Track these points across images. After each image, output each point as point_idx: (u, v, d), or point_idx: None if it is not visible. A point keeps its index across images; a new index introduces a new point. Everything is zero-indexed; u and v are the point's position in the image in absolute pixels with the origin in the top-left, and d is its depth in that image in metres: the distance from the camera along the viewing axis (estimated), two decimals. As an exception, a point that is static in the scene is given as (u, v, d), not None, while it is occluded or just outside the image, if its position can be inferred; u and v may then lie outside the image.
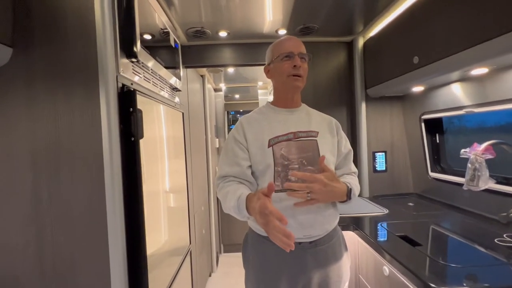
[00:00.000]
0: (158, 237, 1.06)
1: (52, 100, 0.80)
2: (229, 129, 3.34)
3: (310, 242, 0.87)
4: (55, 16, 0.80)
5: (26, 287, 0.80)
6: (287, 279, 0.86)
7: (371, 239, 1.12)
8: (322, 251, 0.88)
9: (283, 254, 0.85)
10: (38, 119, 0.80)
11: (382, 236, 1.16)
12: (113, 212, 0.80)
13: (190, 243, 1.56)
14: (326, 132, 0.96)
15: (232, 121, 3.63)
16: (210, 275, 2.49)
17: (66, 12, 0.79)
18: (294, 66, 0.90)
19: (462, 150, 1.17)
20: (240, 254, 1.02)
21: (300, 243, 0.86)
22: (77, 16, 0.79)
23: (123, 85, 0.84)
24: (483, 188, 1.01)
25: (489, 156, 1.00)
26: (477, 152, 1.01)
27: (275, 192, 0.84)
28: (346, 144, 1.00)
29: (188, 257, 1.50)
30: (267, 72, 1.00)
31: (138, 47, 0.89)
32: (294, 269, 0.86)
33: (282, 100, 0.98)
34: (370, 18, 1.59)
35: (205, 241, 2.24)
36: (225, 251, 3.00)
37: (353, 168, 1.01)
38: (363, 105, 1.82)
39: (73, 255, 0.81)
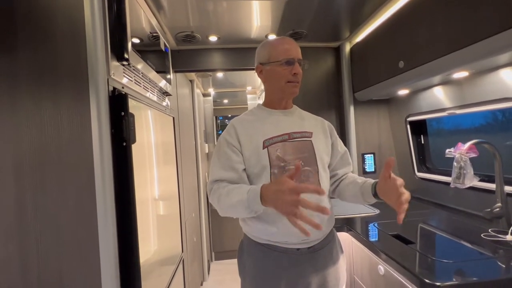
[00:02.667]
0: (150, 246, 1.02)
1: (38, 104, 0.76)
2: (218, 135, 3.32)
3: (309, 248, 0.87)
4: (43, 18, 0.76)
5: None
6: (285, 285, 0.85)
7: (366, 240, 1.13)
8: (320, 255, 0.88)
9: (280, 260, 0.85)
10: (22, 125, 0.75)
11: (376, 236, 1.18)
12: (105, 222, 0.76)
13: (182, 251, 1.52)
14: (320, 133, 0.96)
15: (221, 126, 3.60)
16: (201, 284, 2.43)
17: (54, 14, 0.76)
18: (295, 74, 0.89)
19: (447, 150, 1.22)
20: (232, 261, 1.01)
21: (298, 249, 0.86)
22: (66, 17, 0.76)
23: (114, 88, 0.82)
24: (468, 185, 1.06)
25: (473, 155, 1.05)
26: (461, 151, 1.06)
27: None
28: (342, 145, 1.02)
29: (180, 266, 1.46)
30: (260, 72, 0.96)
31: (129, 50, 0.87)
32: (292, 275, 0.85)
33: (275, 103, 0.96)
34: (356, 24, 1.65)
35: (196, 249, 2.19)
36: (216, 259, 2.94)
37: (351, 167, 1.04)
38: (352, 109, 1.87)
39: (61, 268, 0.76)
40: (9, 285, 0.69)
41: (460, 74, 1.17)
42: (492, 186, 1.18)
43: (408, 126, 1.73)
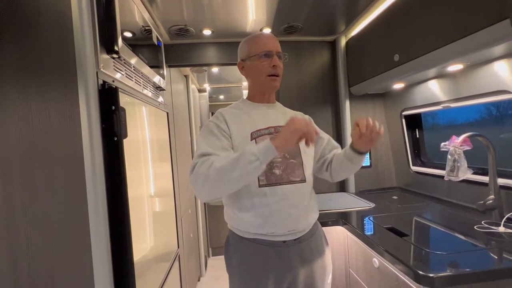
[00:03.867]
0: (144, 243, 1.01)
1: (25, 98, 0.74)
2: (214, 130, 3.29)
3: (295, 240, 0.87)
4: (28, 9, 0.74)
5: (-2, 303, 0.73)
6: (274, 278, 0.85)
7: (361, 233, 1.14)
8: (307, 247, 0.89)
9: (267, 254, 0.85)
10: (8, 121, 0.73)
11: (371, 229, 1.19)
12: (96, 218, 0.75)
13: (178, 248, 1.51)
14: None
15: (217, 123, 3.58)
16: (199, 280, 2.43)
17: (40, 5, 0.74)
18: (274, 66, 0.90)
19: (442, 144, 1.22)
20: None
21: (284, 241, 0.86)
22: (52, 9, 0.74)
23: (104, 82, 0.80)
24: (462, 178, 1.06)
25: (467, 148, 1.06)
26: (455, 144, 1.06)
27: (259, 186, 0.84)
28: (323, 133, 1.05)
29: (176, 262, 1.45)
30: (241, 68, 0.98)
31: (119, 43, 0.85)
32: (279, 267, 0.85)
33: (258, 97, 0.97)
34: (352, 18, 1.63)
35: (193, 245, 2.19)
36: (213, 254, 2.95)
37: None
38: (347, 103, 1.86)
39: (53, 266, 0.75)
40: (-1, 281, 0.67)
41: (455, 67, 1.17)
42: (485, 178, 1.19)
43: (403, 120, 1.73)
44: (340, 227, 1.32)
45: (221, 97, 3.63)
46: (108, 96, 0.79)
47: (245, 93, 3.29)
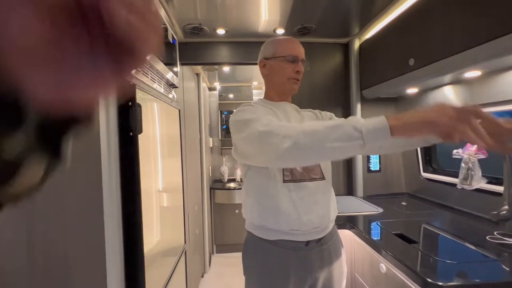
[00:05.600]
0: (153, 237, 1.03)
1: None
2: (223, 129, 3.32)
3: (317, 242, 0.86)
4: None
5: (15, 287, 0.76)
6: (294, 283, 0.84)
7: (369, 237, 1.13)
8: (326, 250, 0.88)
9: (288, 258, 0.84)
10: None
11: (379, 234, 1.18)
12: (110, 209, 0.77)
13: (185, 243, 1.54)
14: None
15: (225, 121, 3.61)
16: (202, 276, 2.46)
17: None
18: (297, 71, 0.91)
19: (454, 151, 1.20)
20: (233, 254, 1.00)
21: (307, 243, 0.85)
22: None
23: (122, 78, 0.82)
24: (476, 187, 1.04)
25: (482, 156, 1.04)
26: (470, 152, 1.04)
27: (283, 182, 0.83)
28: (327, 114, 1.00)
29: (183, 257, 1.48)
30: (263, 66, 0.97)
31: (138, 40, 0.87)
32: (301, 272, 0.84)
33: (277, 98, 0.98)
34: (366, 20, 1.62)
35: (198, 241, 2.21)
36: (217, 252, 2.97)
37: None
38: (358, 106, 1.85)
39: (67, 253, 0.78)
40: (15, 267, 0.70)
41: (473, 74, 1.15)
42: (499, 188, 1.16)
43: (416, 126, 1.70)
44: (347, 231, 1.31)
45: (231, 96, 3.65)
46: (126, 92, 0.81)
47: (255, 92, 3.30)
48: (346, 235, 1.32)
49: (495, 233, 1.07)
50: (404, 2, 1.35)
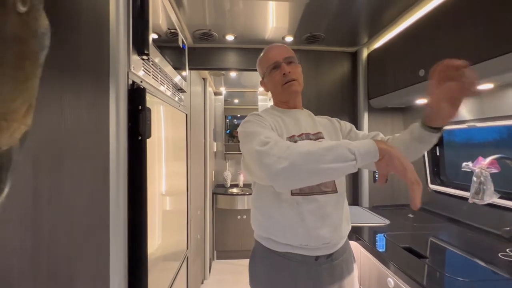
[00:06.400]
0: (158, 241, 1.02)
1: (59, 93, 0.76)
2: (227, 134, 3.32)
3: (327, 257, 0.83)
4: (68, 9, 0.77)
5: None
6: None
7: (377, 250, 1.10)
8: (338, 266, 0.85)
9: (298, 271, 0.81)
10: (43, 112, 0.76)
11: (386, 247, 1.15)
12: (117, 213, 0.76)
13: (187, 249, 1.52)
14: (332, 133, 0.94)
15: (230, 126, 3.61)
16: (202, 282, 2.42)
17: (80, 7, 0.77)
18: (284, 74, 0.88)
19: (464, 163, 1.18)
20: (234, 261, 0.98)
21: (316, 258, 0.82)
22: (91, 11, 0.77)
23: (133, 82, 0.82)
24: (488, 201, 1.02)
25: (494, 170, 1.01)
26: (482, 166, 1.02)
27: (292, 194, 0.81)
28: (356, 130, 0.98)
29: (185, 263, 1.46)
30: (264, 86, 1.00)
31: (150, 45, 0.87)
32: (309, 286, 0.81)
33: (284, 106, 0.96)
34: (375, 30, 1.62)
35: (199, 247, 2.19)
36: (218, 258, 2.94)
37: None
38: (366, 115, 1.84)
39: (71, 256, 0.77)
40: (19, 268, 0.69)
41: (485, 86, 1.13)
42: (510, 203, 1.13)
43: (424, 137, 1.68)
44: (354, 242, 1.28)
45: (236, 101, 3.66)
46: (136, 96, 0.81)
47: (260, 98, 3.30)
48: (352, 246, 1.29)
49: (507, 250, 1.04)
50: (414, 14, 1.35)
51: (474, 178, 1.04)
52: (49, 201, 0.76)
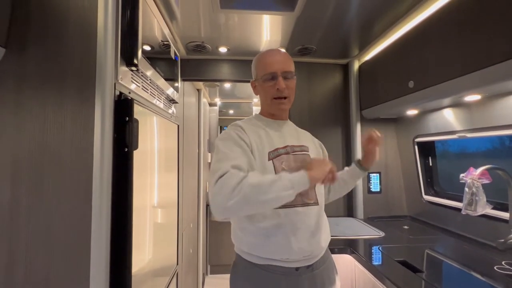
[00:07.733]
0: (144, 255, 0.97)
1: (43, 103, 0.75)
2: (222, 144, 3.30)
3: (307, 267, 0.82)
4: (56, 19, 0.77)
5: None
6: None
7: (371, 265, 1.08)
8: (318, 275, 0.84)
9: (279, 283, 0.80)
10: (25, 123, 0.74)
11: (381, 260, 1.12)
12: (99, 228, 0.73)
13: (177, 264, 1.46)
14: (314, 148, 0.96)
15: (225, 136, 3.60)
16: (195, 299, 2.33)
17: (67, 16, 0.77)
18: (278, 89, 0.86)
19: (461, 175, 1.17)
20: (228, 276, 0.94)
21: (297, 269, 0.81)
22: (79, 20, 0.77)
23: (121, 93, 0.81)
24: (481, 213, 1.01)
25: (486, 181, 1.01)
26: (473, 177, 1.02)
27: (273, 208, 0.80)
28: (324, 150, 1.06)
29: (174, 279, 1.40)
30: (254, 87, 0.97)
31: (139, 56, 0.87)
32: None
33: (270, 116, 0.95)
34: (366, 42, 1.65)
35: (191, 261, 2.11)
36: (211, 273, 2.84)
37: None
38: (358, 126, 1.84)
39: (48, 274, 0.72)
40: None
41: (472, 97, 1.15)
42: (505, 215, 1.12)
43: (416, 147, 1.69)
44: (348, 256, 1.25)
45: (231, 111, 3.67)
46: (124, 107, 0.80)
47: (255, 109, 3.32)
48: (346, 260, 1.26)
49: (503, 262, 1.02)
50: (403, 26, 1.38)
51: (466, 189, 1.03)
52: (28, 214, 0.73)
